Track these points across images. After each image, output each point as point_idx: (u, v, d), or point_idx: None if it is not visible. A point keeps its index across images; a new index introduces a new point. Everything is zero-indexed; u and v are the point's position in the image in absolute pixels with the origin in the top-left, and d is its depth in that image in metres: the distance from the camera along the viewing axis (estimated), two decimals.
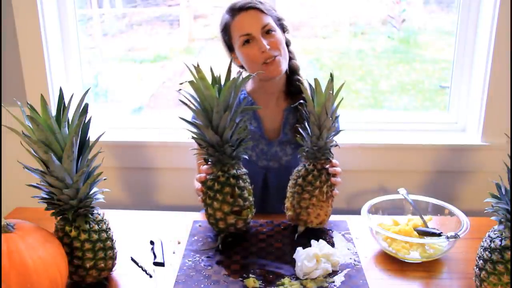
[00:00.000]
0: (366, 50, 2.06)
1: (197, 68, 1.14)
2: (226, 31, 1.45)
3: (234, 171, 1.23)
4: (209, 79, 1.17)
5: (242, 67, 1.49)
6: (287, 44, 1.50)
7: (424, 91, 2.06)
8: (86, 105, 1.03)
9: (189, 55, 2.07)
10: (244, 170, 1.27)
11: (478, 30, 1.77)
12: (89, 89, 1.15)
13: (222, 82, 1.19)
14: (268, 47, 1.38)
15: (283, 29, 1.49)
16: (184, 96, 1.20)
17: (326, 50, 2.10)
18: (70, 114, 1.02)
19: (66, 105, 1.02)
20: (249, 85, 1.56)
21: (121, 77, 2.08)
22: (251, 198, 1.27)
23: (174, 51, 2.09)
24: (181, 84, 1.17)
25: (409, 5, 1.99)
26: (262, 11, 1.40)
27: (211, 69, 1.19)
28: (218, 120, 1.17)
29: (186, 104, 1.19)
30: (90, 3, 1.97)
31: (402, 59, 2.10)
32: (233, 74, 1.19)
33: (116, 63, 2.07)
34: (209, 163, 1.26)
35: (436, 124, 1.91)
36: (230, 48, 1.48)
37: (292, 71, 1.51)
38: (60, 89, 1.04)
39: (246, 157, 1.27)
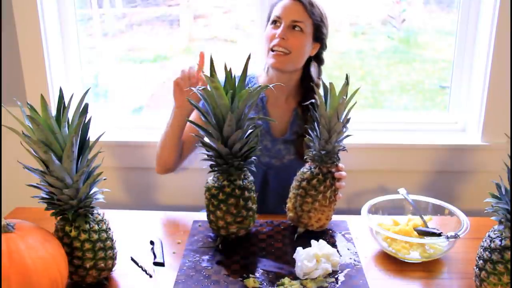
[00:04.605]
0: (366, 50, 2.06)
1: (212, 77, 1.11)
2: (272, 6, 1.49)
3: (241, 181, 1.21)
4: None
5: None
6: (319, 62, 1.52)
7: (424, 91, 2.06)
8: (86, 105, 1.03)
9: (189, 55, 2.07)
10: (251, 178, 1.25)
11: (478, 30, 1.77)
12: (89, 89, 1.14)
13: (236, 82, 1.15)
14: (283, 38, 1.40)
15: (321, 42, 1.49)
16: (192, 102, 1.17)
17: (326, 50, 2.09)
18: (70, 114, 1.02)
19: (66, 105, 1.02)
20: (262, 78, 1.56)
21: (121, 77, 2.08)
22: (254, 207, 1.25)
23: (174, 51, 2.08)
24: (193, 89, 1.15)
25: (409, 5, 1.98)
26: (305, 9, 1.41)
27: (225, 68, 1.15)
28: (229, 132, 1.14)
29: (197, 108, 1.16)
30: (90, 3, 1.97)
31: (402, 59, 2.10)
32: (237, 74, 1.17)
33: (116, 63, 2.07)
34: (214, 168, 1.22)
35: (436, 124, 1.91)
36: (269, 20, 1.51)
37: (312, 79, 1.51)
38: (60, 89, 1.04)
39: (254, 169, 1.22)
